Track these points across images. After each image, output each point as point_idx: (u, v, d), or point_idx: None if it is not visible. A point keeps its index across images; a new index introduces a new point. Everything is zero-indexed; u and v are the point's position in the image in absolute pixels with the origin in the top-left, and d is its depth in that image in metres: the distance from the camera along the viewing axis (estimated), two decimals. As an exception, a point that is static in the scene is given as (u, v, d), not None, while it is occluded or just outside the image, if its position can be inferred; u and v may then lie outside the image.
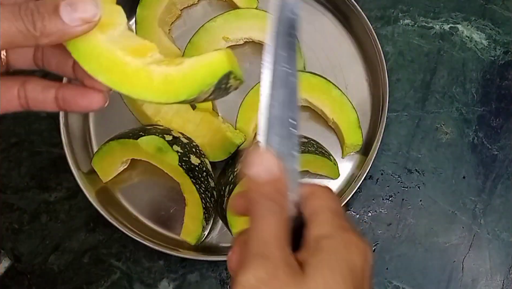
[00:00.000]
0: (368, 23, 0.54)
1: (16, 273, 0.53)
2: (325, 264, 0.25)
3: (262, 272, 0.24)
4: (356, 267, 0.26)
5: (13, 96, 0.30)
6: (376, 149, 0.51)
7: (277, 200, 0.26)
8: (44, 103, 0.31)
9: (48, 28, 0.26)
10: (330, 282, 0.24)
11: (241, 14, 0.55)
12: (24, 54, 0.32)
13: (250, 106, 0.54)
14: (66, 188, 0.55)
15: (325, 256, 0.25)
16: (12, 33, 0.26)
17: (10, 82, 0.30)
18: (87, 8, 0.26)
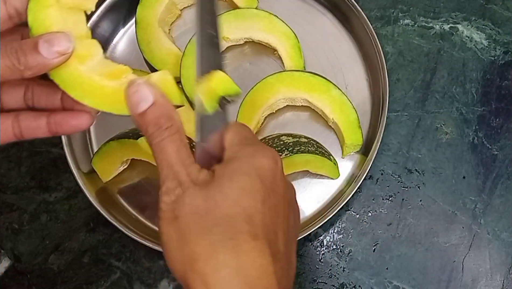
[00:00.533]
0: (368, 23, 0.54)
1: (16, 273, 0.53)
2: (230, 170, 0.29)
3: (172, 184, 0.29)
4: (263, 168, 0.30)
5: (7, 128, 0.35)
6: (376, 149, 0.51)
7: (164, 124, 0.31)
8: (37, 129, 0.35)
9: (30, 62, 0.30)
10: (235, 182, 0.29)
11: (241, 14, 0.55)
12: (15, 94, 0.36)
13: (250, 106, 0.54)
14: (66, 188, 0.55)
15: (231, 164, 0.30)
16: (0, 68, 0.30)
17: (4, 116, 0.35)
18: (61, 43, 0.31)
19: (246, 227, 0.28)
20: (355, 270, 0.53)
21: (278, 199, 0.30)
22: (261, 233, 0.28)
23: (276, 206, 0.30)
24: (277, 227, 0.30)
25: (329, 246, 0.53)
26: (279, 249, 0.29)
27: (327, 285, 0.53)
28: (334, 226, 0.54)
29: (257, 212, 0.28)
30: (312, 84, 0.53)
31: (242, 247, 0.27)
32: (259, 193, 0.29)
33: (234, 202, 0.28)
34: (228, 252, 0.27)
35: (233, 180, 0.29)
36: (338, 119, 0.53)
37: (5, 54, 0.31)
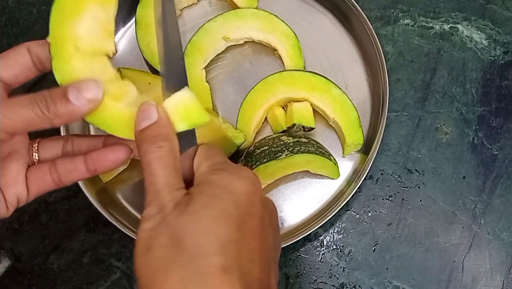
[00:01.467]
0: (368, 23, 0.54)
1: (16, 273, 0.53)
2: (203, 196, 0.29)
3: (154, 210, 0.29)
4: (237, 192, 0.29)
5: (45, 176, 0.35)
6: (376, 149, 0.51)
7: (157, 143, 0.30)
8: (75, 171, 0.35)
9: (60, 110, 0.30)
10: (208, 208, 0.28)
11: (241, 14, 0.55)
12: (53, 149, 0.37)
13: (250, 106, 0.54)
14: (66, 188, 0.55)
15: (204, 190, 0.29)
16: (30, 117, 0.30)
17: (40, 165, 0.36)
18: (90, 89, 0.31)
19: (217, 259, 0.27)
20: (355, 270, 0.53)
21: (255, 222, 0.29)
22: (233, 265, 0.27)
23: (253, 231, 0.29)
24: (254, 253, 0.29)
25: (329, 246, 0.53)
26: (254, 277, 0.28)
27: (327, 285, 0.53)
28: (334, 226, 0.54)
29: (231, 241, 0.27)
30: (312, 84, 0.53)
31: (210, 282, 0.26)
32: (234, 220, 0.28)
33: (206, 231, 0.27)
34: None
35: (206, 208, 0.28)
36: (339, 119, 0.53)
37: (34, 102, 0.30)
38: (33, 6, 0.61)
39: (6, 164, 0.34)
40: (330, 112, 0.53)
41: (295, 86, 0.53)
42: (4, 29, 0.60)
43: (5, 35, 0.59)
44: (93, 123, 0.32)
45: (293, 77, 0.53)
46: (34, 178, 0.35)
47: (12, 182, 0.34)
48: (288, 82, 0.53)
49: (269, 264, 0.30)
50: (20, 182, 0.34)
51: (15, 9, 0.60)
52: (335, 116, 0.53)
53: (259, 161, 0.50)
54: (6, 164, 0.34)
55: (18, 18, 0.60)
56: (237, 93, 0.56)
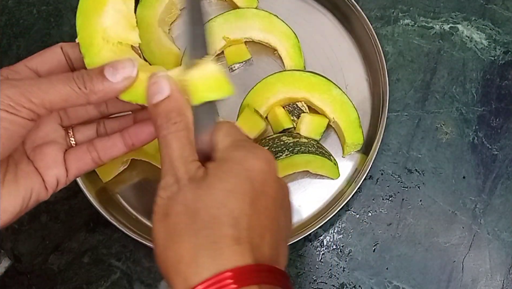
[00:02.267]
0: (368, 23, 0.54)
1: (16, 273, 0.53)
2: (221, 171, 0.30)
3: (170, 180, 0.30)
4: (254, 170, 0.30)
5: (85, 156, 0.36)
6: (376, 149, 0.51)
7: (173, 118, 0.31)
8: (113, 147, 0.37)
9: (96, 87, 0.31)
10: (225, 183, 0.29)
11: (241, 14, 0.55)
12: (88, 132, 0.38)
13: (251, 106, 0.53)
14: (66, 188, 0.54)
15: (222, 165, 0.30)
16: (66, 92, 0.31)
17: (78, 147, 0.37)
18: (126, 67, 0.32)
19: (230, 231, 0.28)
20: (355, 270, 0.53)
21: (268, 201, 0.30)
22: (245, 237, 0.28)
23: (265, 208, 0.30)
24: (265, 229, 0.30)
25: (329, 246, 0.53)
26: (264, 251, 0.29)
27: (327, 285, 0.53)
28: (334, 226, 0.54)
29: (244, 215, 0.29)
30: (312, 84, 0.53)
31: (223, 251, 0.27)
32: (248, 196, 0.29)
33: (221, 204, 0.28)
34: (209, 256, 0.27)
35: (222, 182, 0.29)
36: (339, 119, 0.53)
37: (71, 79, 0.31)
38: (33, 6, 0.60)
39: (43, 149, 0.35)
40: (330, 112, 0.53)
41: (295, 86, 0.53)
42: (4, 29, 0.60)
43: (5, 35, 0.59)
44: (129, 100, 0.33)
45: (293, 77, 0.53)
46: (73, 158, 0.36)
47: (51, 163, 0.35)
48: (288, 82, 0.53)
49: (278, 242, 0.31)
50: (59, 163, 0.35)
51: (15, 9, 0.60)
52: (335, 116, 0.53)
53: (259, 161, 0.50)
54: (43, 149, 0.35)
55: (18, 18, 0.60)
56: (237, 93, 0.56)
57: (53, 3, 0.61)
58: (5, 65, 0.35)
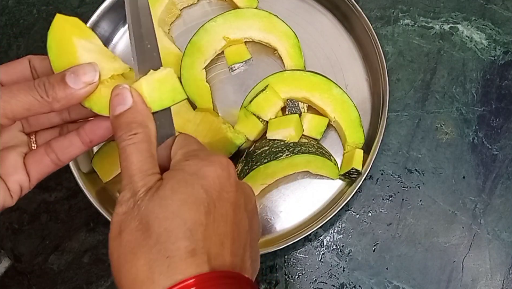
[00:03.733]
0: (368, 23, 0.54)
1: (16, 273, 0.53)
2: (173, 181, 0.29)
3: (127, 194, 0.29)
4: (208, 177, 0.29)
5: (43, 158, 0.35)
6: (376, 149, 0.51)
7: (133, 130, 0.30)
8: (71, 146, 0.35)
9: (59, 94, 0.31)
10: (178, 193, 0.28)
11: (241, 14, 0.55)
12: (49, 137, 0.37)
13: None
14: (66, 188, 0.55)
15: (175, 175, 0.30)
16: (28, 101, 0.30)
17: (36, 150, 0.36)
18: (87, 73, 0.31)
19: (184, 243, 0.27)
20: (355, 270, 0.53)
21: (226, 207, 0.30)
22: (201, 248, 0.27)
23: (223, 215, 0.29)
24: (224, 237, 0.29)
25: (329, 246, 0.53)
26: (224, 259, 0.29)
27: (327, 285, 0.53)
28: (334, 226, 0.54)
29: (199, 225, 0.28)
30: (313, 84, 0.53)
31: (177, 265, 0.27)
32: (203, 204, 0.28)
33: (174, 215, 0.28)
34: (164, 272, 0.26)
35: (176, 191, 0.28)
36: (340, 118, 0.53)
37: (33, 87, 0.31)
38: (33, 6, 0.60)
39: (3, 154, 0.34)
40: (330, 112, 0.53)
41: (296, 86, 0.53)
42: (4, 29, 0.60)
43: (5, 35, 0.59)
44: (91, 108, 0.33)
45: (294, 77, 0.53)
46: (32, 162, 0.35)
47: (11, 170, 0.34)
48: (288, 82, 0.53)
49: (242, 247, 0.31)
50: (19, 168, 0.34)
51: (15, 9, 0.60)
52: (336, 116, 0.53)
53: (259, 161, 0.50)
54: (3, 155, 0.34)
55: (18, 18, 0.60)
56: (237, 93, 0.56)
57: (53, 3, 0.61)
58: (5, 65, 0.35)
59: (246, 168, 0.50)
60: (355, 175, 0.51)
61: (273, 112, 0.52)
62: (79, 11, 0.60)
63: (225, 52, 0.56)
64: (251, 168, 0.50)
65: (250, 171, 0.49)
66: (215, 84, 0.56)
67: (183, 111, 0.53)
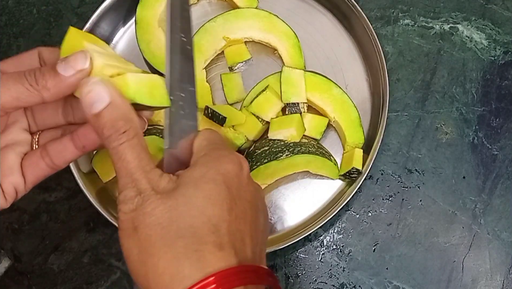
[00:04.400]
0: (368, 23, 0.54)
1: (16, 273, 0.53)
2: (195, 176, 0.29)
3: (131, 193, 0.28)
4: (229, 173, 0.29)
5: (39, 161, 0.34)
6: (376, 149, 0.51)
7: (121, 128, 0.29)
8: (65, 151, 0.34)
9: (49, 82, 0.30)
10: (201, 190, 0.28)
11: (241, 14, 0.55)
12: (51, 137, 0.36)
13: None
14: (66, 188, 0.55)
15: (196, 170, 0.29)
16: (18, 90, 0.30)
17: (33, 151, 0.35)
18: (77, 60, 0.30)
19: (211, 238, 0.27)
20: (355, 270, 0.53)
21: (245, 205, 0.30)
22: (227, 243, 0.28)
23: (243, 212, 0.30)
24: (245, 234, 0.29)
25: (329, 246, 0.53)
26: (246, 256, 0.29)
27: (327, 285, 0.53)
28: (334, 226, 0.54)
29: (223, 221, 0.28)
30: (313, 83, 0.53)
31: (207, 258, 0.27)
32: (225, 201, 0.29)
33: (199, 212, 0.28)
34: (193, 265, 0.26)
35: (198, 188, 0.28)
36: (340, 118, 0.53)
37: (23, 76, 0.30)
38: (33, 6, 0.60)
39: (2, 153, 0.33)
40: (330, 112, 0.53)
41: (296, 86, 0.53)
42: (4, 29, 0.60)
43: (5, 35, 0.59)
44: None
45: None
46: (29, 164, 0.34)
47: (7, 171, 0.33)
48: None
49: (259, 246, 0.31)
50: (16, 170, 0.33)
51: (15, 9, 0.60)
52: (336, 116, 0.53)
53: (259, 161, 0.50)
54: (2, 154, 0.33)
55: (18, 18, 0.60)
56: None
57: (53, 3, 0.61)
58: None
59: (246, 168, 0.50)
60: (355, 175, 0.51)
61: (273, 113, 0.52)
62: (79, 11, 0.60)
63: (225, 52, 0.56)
64: (251, 168, 0.50)
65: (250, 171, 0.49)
66: (215, 84, 0.56)
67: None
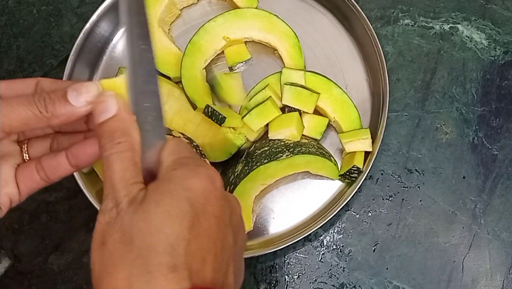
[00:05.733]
0: (368, 23, 0.54)
1: (16, 273, 0.53)
2: (159, 192, 0.28)
3: (110, 203, 0.29)
4: (194, 189, 0.29)
5: (33, 174, 0.35)
6: (376, 149, 0.51)
7: (116, 138, 0.30)
8: (59, 167, 0.35)
9: (58, 110, 0.31)
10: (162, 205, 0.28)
11: (241, 14, 0.55)
12: (41, 148, 0.37)
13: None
14: (66, 188, 0.55)
15: (161, 185, 0.29)
16: (27, 116, 0.30)
17: (28, 163, 0.35)
18: (90, 92, 0.31)
19: (165, 258, 0.27)
20: (355, 270, 0.53)
21: (210, 221, 0.29)
22: (182, 263, 0.27)
23: (207, 230, 0.29)
24: (207, 252, 0.28)
25: (329, 246, 0.53)
26: (205, 276, 0.28)
27: (327, 285, 0.53)
28: (334, 226, 0.54)
29: (182, 240, 0.27)
30: (313, 83, 0.53)
31: (158, 280, 0.26)
32: (187, 218, 0.28)
33: (157, 229, 0.27)
34: (142, 287, 0.26)
35: (159, 204, 0.28)
36: (340, 118, 0.53)
37: (32, 102, 0.30)
38: (33, 6, 0.60)
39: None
40: (330, 112, 0.53)
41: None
42: (4, 29, 0.60)
43: (5, 35, 0.59)
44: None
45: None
46: (23, 176, 0.34)
47: (2, 182, 0.34)
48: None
49: (226, 262, 0.30)
50: (11, 182, 0.34)
51: (15, 9, 0.60)
52: (336, 116, 0.53)
53: (259, 161, 0.50)
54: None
55: (18, 18, 0.60)
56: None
57: (53, 3, 0.61)
58: (5, 66, 0.35)
59: (246, 168, 0.50)
60: (355, 174, 0.51)
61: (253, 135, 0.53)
62: (79, 11, 0.60)
63: (225, 52, 0.56)
64: (251, 168, 0.50)
65: (250, 171, 0.49)
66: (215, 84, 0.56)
67: (183, 111, 0.53)
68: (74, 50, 0.53)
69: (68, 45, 0.58)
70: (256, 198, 0.52)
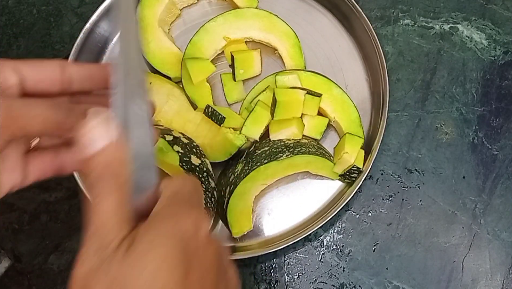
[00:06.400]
0: (368, 23, 0.54)
1: (16, 273, 0.53)
2: (149, 235, 0.26)
3: (92, 247, 0.26)
4: (187, 231, 0.26)
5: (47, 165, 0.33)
6: (376, 149, 0.51)
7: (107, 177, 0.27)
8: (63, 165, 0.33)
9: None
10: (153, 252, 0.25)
11: (241, 14, 0.55)
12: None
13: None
14: (66, 188, 0.55)
15: (152, 226, 0.26)
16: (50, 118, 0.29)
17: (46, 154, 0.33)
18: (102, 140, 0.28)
19: None
20: (355, 270, 0.53)
21: (204, 268, 0.27)
22: None
23: (201, 279, 0.27)
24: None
25: (329, 246, 0.53)
26: None
27: (327, 285, 0.53)
28: (334, 226, 0.54)
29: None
30: (313, 83, 0.53)
31: None
32: (180, 268, 0.25)
33: (148, 280, 0.25)
34: None
35: (150, 250, 0.25)
36: (340, 118, 0.53)
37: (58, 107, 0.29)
38: (33, 6, 0.60)
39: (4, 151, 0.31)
40: (330, 112, 0.53)
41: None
42: (4, 29, 0.60)
43: (5, 35, 0.59)
44: None
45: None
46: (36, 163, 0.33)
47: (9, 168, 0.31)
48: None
49: None
50: (18, 168, 0.32)
51: (15, 9, 0.60)
52: (336, 116, 0.53)
53: (259, 161, 0.50)
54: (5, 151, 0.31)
55: (18, 18, 0.60)
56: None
57: (53, 3, 0.61)
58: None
59: (246, 168, 0.50)
60: (355, 174, 0.51)
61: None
62: (79, 11, 0.60)
63: (225, 52, 0.56)
64: (251, 168, 0.50)
65: (250, 171, 0.49)
66: (215, 84, 0.56)
67: (183, 112, 0.53)
68: (74, 50, 0.53)
69: (68, 45, 0.58)
70: (256, 198, 0.53)
